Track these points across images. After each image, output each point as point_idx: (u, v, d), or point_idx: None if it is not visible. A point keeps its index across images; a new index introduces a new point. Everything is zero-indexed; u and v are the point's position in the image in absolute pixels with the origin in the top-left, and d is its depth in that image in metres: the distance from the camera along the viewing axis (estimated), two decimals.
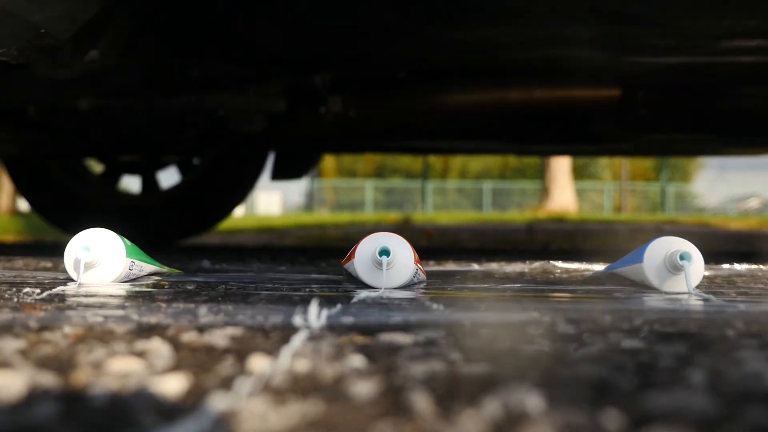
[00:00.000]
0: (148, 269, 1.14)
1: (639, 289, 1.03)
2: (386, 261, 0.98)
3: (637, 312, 0.77)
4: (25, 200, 2.92)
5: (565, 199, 10.52)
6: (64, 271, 1.06)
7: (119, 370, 0.47)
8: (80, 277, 0.97)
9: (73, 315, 0.70)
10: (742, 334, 0.63)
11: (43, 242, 2.96)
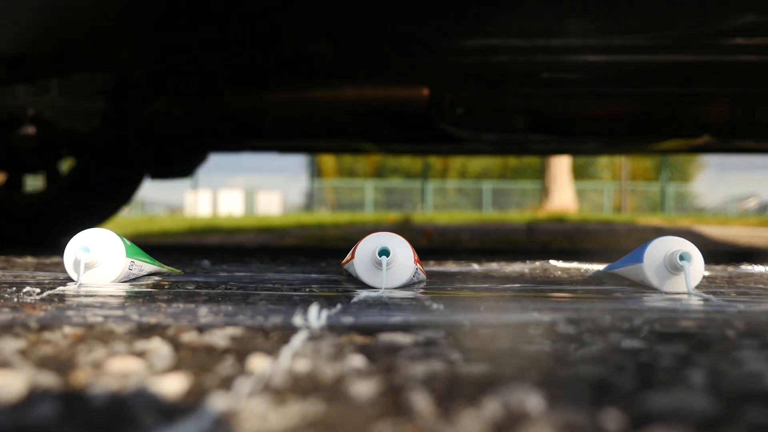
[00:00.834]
0: (148, 269, 1.14)
1: (639, 289, 1.03)
2: (386, 261, 0.97)
3: (637, 312, 0.77)
4: None
5: (565, 199, 10.52)
6: (64, 271, 1.06)
7: (119, 370, 0.47)
8: (80, 278, 0.97)
9: (73, 315, 0.70)
10: (742, 334, 0.63)
11: (42, 242, 2.96)
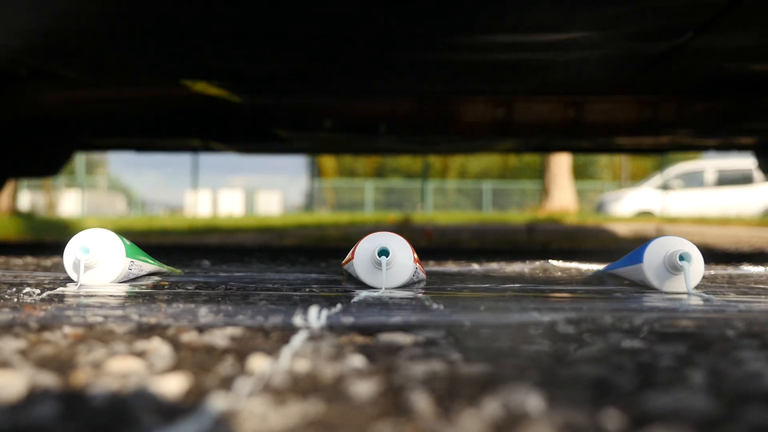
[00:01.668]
0: (148, 269, 1.14)
1: (639, 289, 1.03)
2: (385, 261, 0.97)
3: (637, 312, 0.77)
4: None
5: (565, 200, 10.50)
6: (64, 271, 1.06)
7: (119, 370, 0.47)
8: (80, 278, 0.97)
9: (73, 315, 0.70)
10: (742, 334, 0.63)
11: (43, 242, 2.96)
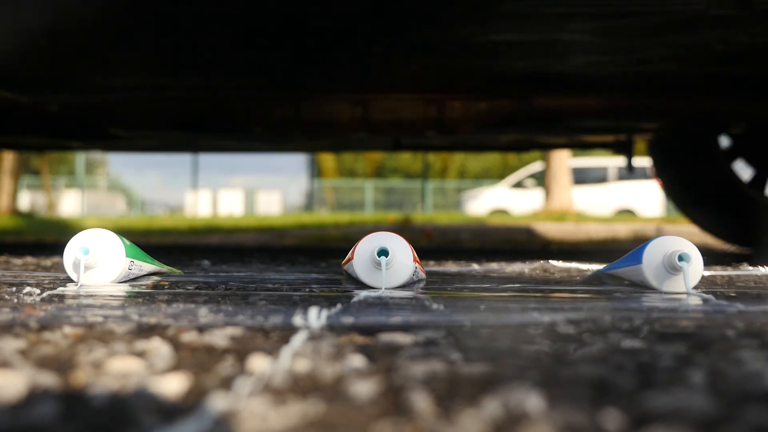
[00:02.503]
0: (148, 269, 1.14)
1: (639, 289, 1.03)
2: (385, 261, 0.97)
3: (637, 312, 0.77)
4: None
5: (565, 199, 10.50)
6: (64, 271, 1.06)
7: (119, 370, 0.47)
8: (80, 278, 0.97)
9: (73, 315, 0.70)
10: (742, 334, 0.63)
11: (43, 242, 2.96)
